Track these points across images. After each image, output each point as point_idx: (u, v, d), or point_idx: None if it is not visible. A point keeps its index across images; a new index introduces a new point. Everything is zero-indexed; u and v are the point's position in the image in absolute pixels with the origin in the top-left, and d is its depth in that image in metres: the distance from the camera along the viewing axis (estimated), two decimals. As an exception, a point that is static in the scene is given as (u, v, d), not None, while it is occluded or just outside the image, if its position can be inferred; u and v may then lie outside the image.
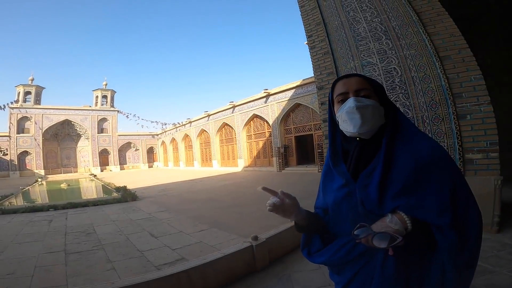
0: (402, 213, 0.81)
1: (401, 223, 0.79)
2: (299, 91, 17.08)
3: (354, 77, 0.94)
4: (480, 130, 3.52)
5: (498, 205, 3.39)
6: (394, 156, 0.86)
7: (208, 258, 2.74)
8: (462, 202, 0.83)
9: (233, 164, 23.58)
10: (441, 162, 0.84)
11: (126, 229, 5.13)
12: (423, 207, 0.82)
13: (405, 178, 0.83)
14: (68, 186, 17.78)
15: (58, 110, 33.61)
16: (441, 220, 0.80)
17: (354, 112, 0.87)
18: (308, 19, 5.21)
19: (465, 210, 0.82)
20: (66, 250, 3.99)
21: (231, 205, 6.95)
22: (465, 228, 0.81)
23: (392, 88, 4.06)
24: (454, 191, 0.82)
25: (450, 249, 0.80)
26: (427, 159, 0.83)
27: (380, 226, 0.80)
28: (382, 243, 0.77)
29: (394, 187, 0.83)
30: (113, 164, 36.59)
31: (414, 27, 4.02)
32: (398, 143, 0.87)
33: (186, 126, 31.30)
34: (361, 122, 0.87)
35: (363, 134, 0.89)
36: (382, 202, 0.85)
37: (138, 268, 3.20)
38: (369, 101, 0.89)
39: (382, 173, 0.84)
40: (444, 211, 0.80)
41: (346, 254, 0.91)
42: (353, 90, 0.91)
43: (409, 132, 0.89)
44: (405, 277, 0.85)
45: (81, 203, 8.20)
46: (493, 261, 2.70)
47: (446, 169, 0.84)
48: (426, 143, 0.87)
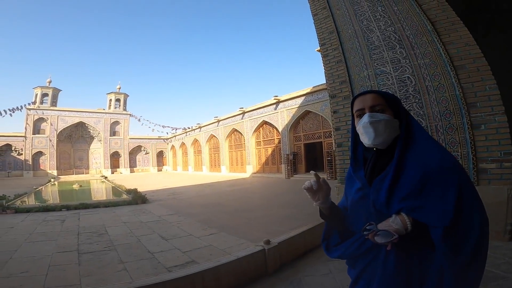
0: (405, 214, 0.91)
1: (401, 224, 0.89)
2: (309, 98, 17.09)
3: (369, 94, 1.05)
4: (494, 140, 3.50)
5: (510, 213, 3.39)
6: (405, 164, 0.95)
7: (222, 261, 2.79)
8: (467, 207, 0.88)
9: (241, 170, 23.62)
10: (448, 171, 0.91)
11: (137, 231, 5.21)
12: (425, 209, 0.90)
13: (411, 184, 0.92)
14: (80, 187, 18.11)
15: (73, 112, 34.52)
16: (439, 222, 0.87)
17: (368, 127, 0.99)
18: (321, 27, 5.26)
19: (469, 215, 0.87)
20: (79, 250, 4.05)
21: (240, 210, 6.97)
22: (465, 231, 0.87)
23: (406, 97, 4.05)
24: (460, 198, 0.88)
25: (445, 250, 0.86)
26: (435, 169, 0.91)
27: (384, 225, 0.91)
28: (383, 239, 0.88)
29: (401, 192, 0.93)
30: (123, 167, 37.16)
31: (429, 36, 4.02)
32: (410, 153, 0.96)
33: (195, 131, 31.61)
34: (374, 136, 0.99)
35: (378, 145, 1.01)
36: (390, 204, 0.95)
37: (149, 270, 3.25)
38: (383, 115, 1.00)
39: (392, 179, 0.94)
40: (445, 215, 0.87)
41: (357, 248, 1.03)
42: (368, 106, 1.02)
43: (422, 143, 0.97)
44: (406, 274, 0.93)
45: (93, 204, 8.36)
46: (505, 267, 2.73)
47: (453, 177, 0.90)
48: (436, 153, 0.94)
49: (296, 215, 5.85)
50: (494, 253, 3.05)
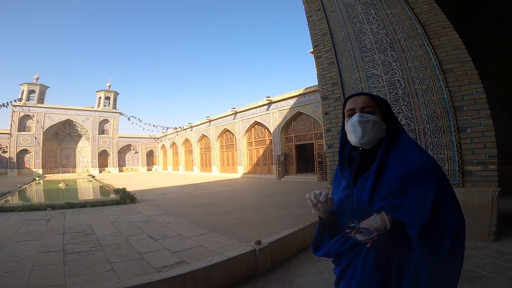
0: (384, 213, 0.94)
1: (381, 222, 0.92)
2: (301, 99, 17.20)
3: (362, 95, 1.09)
4: (480, 143, 3.59)
5: (495, 215, 3.49)
6: (387, 165, 0.99)
7: (213, 261, 2.77)
8: (444, 210, 0.92)
9: (232, 171, 23.55)
10: (427, 172, 0.95)
11: (125, 231, 5.11)
12: (404, 208, 0.94)
13: (392, 184, 0.96)
14: (66, 186, 17.69)
15: (61, 110, 33.71)
16: (417, 220, 0.90)
17: (357, 125, 1.03)
18: (315, 29, 5.30)
19: (445, 218, 0.91)
20: (65, 250, 3.95)
21: (231, 211, 6.94)
22: (440, 234, 0.90)
23: (395, 100, 4.12)
24: (437, 198, 0.91)
25: (421, 248, 0.90)
26: (415, 169, 0.95)
27: (365, 223, 0.94)
28: (363, 236, 0.91)
29: (383, 191, 0.97)
30: (112, 166, 36.50)
31: (419, 40, 4.10)
32: (393, 154, 1.01)
33: (187, 130, 31.36)
34: (361, 135, 1.03)
35: (364, 144, 1.05)
36: (372, 203, 0.98)
37: (138, 270, 3.18)
38: (372, 116, 1.04)
39: (375, 179, 0.98)
40: (422, 213, 0.90)
41: (340, 246, 1.07)
42: (359, 107, 1.07)
43: (404, 145, 1.02)
44: (384, 271, 0.96)
45: (79, 203, 8.14)
46: (490, 268, 2.78)
47: (432, 177, 0.95)
48: (418, 155, 0.99)
49: (287, 216, 5.86)
50: (479, 254, 3.12)
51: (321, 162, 14.81)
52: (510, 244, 3.37)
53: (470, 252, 3.14)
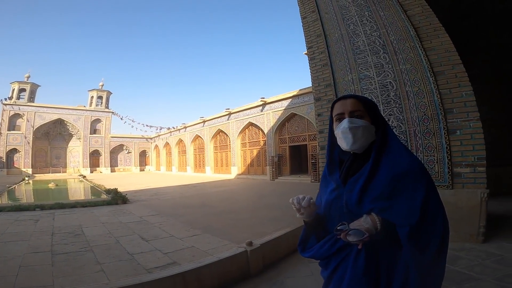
0: (375, 214, 0.95)
1: (372, 223, 0.93)
2: (295, 101, 17.27)
3: (350, 98, 1.09)
4: (469, 145, 3.63)
5: (484, 216, 3.52)
6: (378, 168, 1.00)
7: (203, 262, 2.75)
8: (432, 211, 0.94)
9: (226, 171, 23.48)
10: (416, 174, 0.98)
11: (116, 231, 5.05)
12: (394, 210, 0.95)
13: (382, 186, 0.97)
14: (56, 186, 17.44)
15: (52, 109, 33.17)
16: (407, 221, 0.92)
17: (347, 132, 1.03)
18: (309, 30, 5.32)
19: (433, 219, 0.93)
20: (53, 251, 3.89)
21: (224, 211, 6.91)
22: (430, 233, 0.92)
23: (387, 102, 4.17)
24: (426, 200, 0.94)
25: (411, 248, 0.91)
26: (404, 172, 0.97)
27: (355, 224, 0.95)
28: (354, 238, 0.92)
29: (372, 193, 0.98)
30: (103, 166, 36.04)
31: (411, 42, 4.13)
32: (383, 157, 1.02)
33: (180, 131, 31.17)
34: (352, 141, 1.03)
35: (355, 150, 1.06)
36: (362, 205, 0.99)
37: (128, 271, 3.14)
38: (361, 121, 1.04)
39: (365, 181, 0.99)
40: (412, 214, 0.92)
41: (329, 248, 1.06)
42: (348, 111, 1.06)
43: (394, 148, 1.03)
44: (375, 272, 0.97)
45: (69, 204, 8.02)
46: (479, 269, 2.80)
47: (420, 180, 0.97)
48: (406, 159, 1.01)
49: (281, 217, 5.86)
50: (468, 255, 3.14)
51: (315, 163, 14.88)
52: (498, 245, 3.41)
53: (459, 254, 3.17)
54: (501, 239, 3.59)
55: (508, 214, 4.94)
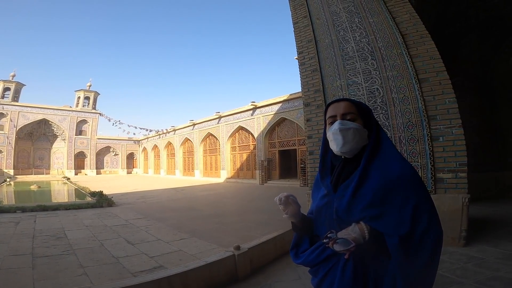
0: (363, 223, 0.93)
1: (360, 232, 0.90)
2: (286, 105, 17.40)
3: (343, 101, 1.07)
4: (451, 152, 3.73)
5: (465, 221, 3.61)
6: (369, 174, 0.97)
7: (190, 266, 2.71)
8: (424, 220, 0.91)
9: (215, 175, 23.32)
10: (408, 182, 0.94)
11: (100, 235, 4.92)
12: (384, 219, 0.92)
13: (373, 193, 0.94)
14: (39, 188, 16.89)
15: (36, 109, 32.18)
16: (396, 231, 0.89)
17: (338, 134, 1.01)
18: (301, 35, 5.36)
19: (426, 229, 0.90)
20: (34, 254, 3.77)
21: (212, 215, 6.85)
22: (421, 244, 0.89)
23: (374, 108, 4.25)
24: (417, 209, 0.91)
25: (400, 259, 0.88)
26: (395, 179, 0.94)
27: (343, 233, 0.93)
28: (341, 247, 0.89)
29: (363, 200, 0.95)
30: (89, 168, 35.13)
31: (398, 49, 4.21)
32: (375, 163, 0.99)
33: (169, 133, 30.82)
34: (342, 143, 1.00)
35: (345, 153, 1.02)
36: (352, 212, 0.96)
37: (113, 275, 3.07)
38: (353, 124, 1.02)
39: (355, 187, 0.96)
40: (402, 224, 0.90)
41: (317, 256, 1.04)
42: (340, 114, 1.05)
43: (387, 153, 1.00)
44: (362, 283, 0.94)
45: (52, 206, 7.80)
46: (460, 272, 2.86)
47: (412, 189, 0.94)
48: (398, 164, 0.98)
49: (270, 221, 5.86)
50: (450, 259, 3.21)
51: (304, 168, 14.97)
52: (479, 249, 3.50)
53: (442, 257, 3.22)
54: (482, 243, 3.69)
55: (488, 218, 5.09)
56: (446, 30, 6.52)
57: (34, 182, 19.93)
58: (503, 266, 2.94)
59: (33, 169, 31.95)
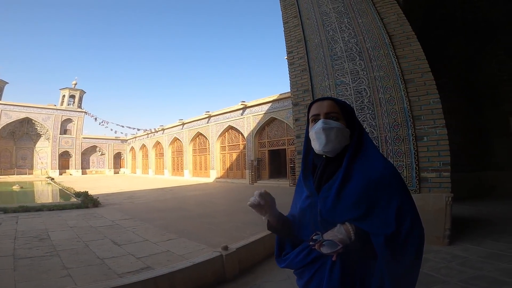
0: (349, 224, 0.93)
1: (346, 233, 0.91)
2: (275, 105, 17.45)
3: (327, 100, 1.06)
4: (435, 151, 3.81)
5: (449, 219, 3.68)
6: (352, 173, 0.97)
7: (176, 267, 2.67)
8: (407, 220, 0.91)
9: (205, 175, 23.15)
10: (390, 181, 0.95)
11: (85, 236, 4.81)
12: (369, 218, 0.92)
13: (357, 193, 0.94)
14: (21, 188, 16.37)
15: (19, 107, 31.07)
16: (382, 230, 0.90)
17: (321, 133, 1.00)
18: (290, 35, 5.38)
19: (409, 228, 0.91)
20: (16, 255, 3.66)
21: (202, 215, 6.80)
22: (405, 243, 0.90)
23: (361, 108, 4.32)
24: (400, 209, 0.91)
25: (387, 259, 0.89)
26: (378, 178, 0.94)
27: (329, 235, 0.92)
28: (328, 249, 0.89)
29: (347, 201, 0.95)
30: (74, 168, 34.18)
31: (386, 49, 4.27)
32: (358, 162, 0.98)
33: (158, 133, 30.38)
34: (325, 142, 1.00)
35: (327, 152, 1.02)
36: (337, 213, 0.96)
37: (98, 276, 3.00)
38: (336, 123, 1.01)
39: (339, 188, 0.96)
40: (387, 224, 0.90)
41: (303, 258, 1.03)
42: (323, 113, 1.04)
43: (369, 153, 1.00)
44: (350, 284, 0.94)
45: (35, 207, 7.56)
46: (445, 271, 2.90)
47: (395, 188, 0.94)
48: (381, 164, 0.97)
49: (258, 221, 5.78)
50: (435, 258, 3.26)
51: (293, 167, 15.06)
52: (463, 247, 3.57)
53: (427, 256, 3.26)
54: (466, 242, 3.77)
55: (472, 217, 5.22)
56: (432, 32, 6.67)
57: (16, 182, 19.27)
58: (486, 265, 2.99)
59: (15, 169, 30.85)
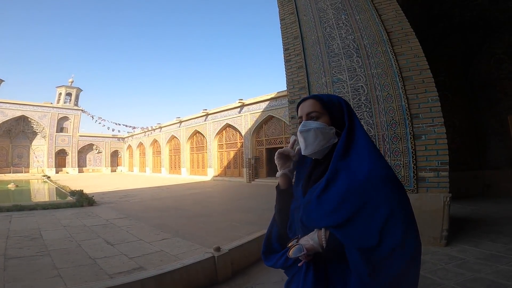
0: (324, 231, 0.86)
1: (317, 240, 0.85)
2: (273, 103, 17.39)
3: (308, 100, 1.00)
4: (433, 150, 3.74)
5: (446, 220, 3.61)
6: (337, 176, 0.88)
7: (165, 268, 2.59)
8: (396, 234, 0.79)
9: (202, 173, 23.07)
10: (378, 185, 0.83)
11: (78, 235, 4.74)
12: (347, 228, 0.83)
13: (338, 197, 0.85)
14: (17, 187, 16.22)
15: (15, 105, 30.77)
16: (360, 244, 0.80)
17: (300, 136, 0.97)
18: (287, 32, 5.31)
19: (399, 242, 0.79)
20: (6, 255, 3.62)
21: (197, 215, 6.73)
22: (389, 260, 0.79)
23: (358, 106, 4.25)
24: (387, 220, 0.80)
25: (361, 276, 0.80)
26: (363, 181, 0.83)
27: (303, 239, 0.88)
28: (294, 253, 0.86)
29: (326, 206, 0.87)
30: (70, 166, 33.99)
31: (383, 46, 4.20)
32: (344, 163, 0.88)
33: (155, 131, 30.25)
34: (304, 146, 0.96)
35: (311, 154, 0.97)
36: (314, 218, 0.90)
37: (89, 277, 2.94)
38: (314, 123, 0.95)
39: (321, 191, 0.89)
40: (368, 236, 0.80)
41: (285, 261, 1.00)
42: (305, 114, 0.99)
43: (359, 152, 0.89)
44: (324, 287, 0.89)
45: (29, 206, 7.49)
46: (441, 274, 2.85)
47: (384, 193, 0.83)
48: (369, 165, 0.85)
49: (255, 220, 5.81)
50: (432, 259, 3.20)
51: (291, 166, 15.02)
52: (460, 248, 3.51)
53: (424, 257, 3.20)
54: (463, 243, 3.70)
55: (468, 217, 5.16)
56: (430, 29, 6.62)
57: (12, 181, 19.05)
58: (484, 267, 2.94)
59: (11, 168, 30.60)
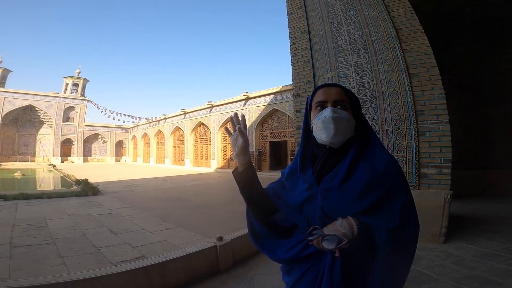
0: (351, 218, 0.86)
1: (349, 227, 0.83)
2: (278, 97, 17.31)
3: (335, 87, 0.99)
4: (436, 147, 3.72)
5: (446, 217, 3.62)
6: (357, 165, 0.92)
7: (168, 256, 2.65)
8: (411, 218, 0.90)
9: (205, 165, 23.22)
10: (396, 176, 0.93)
11: (82, 224, 4.83)
12: (374, 213, 0.87)
13: (362, 186, 0.89)
14: (23, 175, 16.50)
15: (22, 95, 31.04)
16: (387, 224, 0.86)
17: (330, 122, 0.92)
18: (294, 26, 5.29)
19: (412, 224, 0.90)
20: (12, 243, 3.68)
21: (200, 206, 6.81)
22: (406, 239, 0.89)
23: (363, 102, 4.23)
24: (405, 205, 0.89)
25: (389, 254, 0.85)
26: (384, 172, 0.91)
27: (330, 229, 0.84)
28: (331, 245, 0.81)
29: (351, 193, 0.89)
30: (76, 156, 34.42)
31: (391, 43, 4.17)
32: (363, 155, 0.94)
33: (160, 122, 30.38)
34: (334, 133, 0.92)
35: (334, 143, 0.95)
36: (339, 207, 0.90)
37: (92, 265, 3.02)
38: (345, 113, 0.95)
39: (343, 179, 0.90)
40: (392, 218, 0.87)
41: (297, 253, 0.95)
42: (332, 100, 0.96)
43: (374, 146, 0.97)
44: (352, 281, 0.88)
45: (35, 194, 7.61)
46: (438, 270, 2.87)
47: (401, 184, 0.93)
48: (385, 158, 0.94)
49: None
50: (429, 255, 3.22)
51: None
52: (457, 246, 3.53)
53: (421, 254, 3.24)
54: (460, 240, 3.72)
55: (468, 215, 5.17)
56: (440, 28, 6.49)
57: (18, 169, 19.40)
58: (480, 264, 2.96)
59: (17, 156, 31.09)
